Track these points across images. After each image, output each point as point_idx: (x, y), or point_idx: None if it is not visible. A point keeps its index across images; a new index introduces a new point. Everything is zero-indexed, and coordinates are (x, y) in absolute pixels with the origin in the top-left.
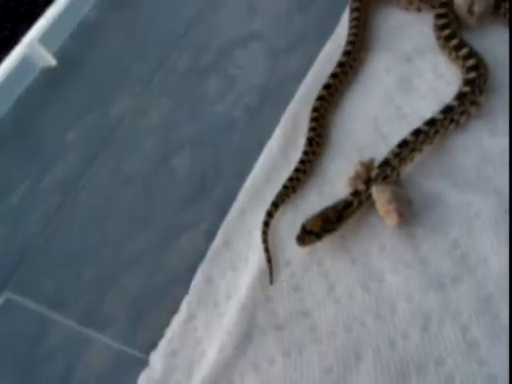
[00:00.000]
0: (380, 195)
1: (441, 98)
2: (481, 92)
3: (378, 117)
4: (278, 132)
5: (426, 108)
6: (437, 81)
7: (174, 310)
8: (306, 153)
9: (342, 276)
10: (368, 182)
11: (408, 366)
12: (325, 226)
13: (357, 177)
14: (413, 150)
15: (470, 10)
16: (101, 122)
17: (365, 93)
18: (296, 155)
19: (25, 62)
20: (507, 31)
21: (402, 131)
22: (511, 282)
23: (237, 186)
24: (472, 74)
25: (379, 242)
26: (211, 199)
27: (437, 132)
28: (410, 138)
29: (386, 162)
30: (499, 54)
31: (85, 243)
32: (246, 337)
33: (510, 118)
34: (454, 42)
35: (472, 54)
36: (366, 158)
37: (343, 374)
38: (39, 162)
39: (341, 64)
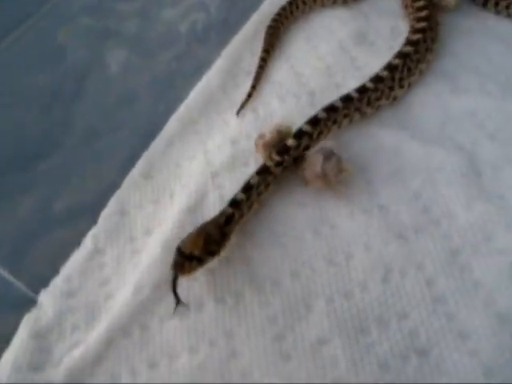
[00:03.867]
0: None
1: None
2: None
3: (330, 65)
4: (219, 65)
5: (381, 63)
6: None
7: (75, 243)
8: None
9: (288, 219)
10: (248, 190)
11: (367, 319)
12: (208, 247)
13: (270, 144)
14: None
15: None
16: None
17: (315, 40)
18: (235, 92)
19: None
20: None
21: (356, 82)
22: None
23: (167, 111)
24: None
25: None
26: (136, 120)
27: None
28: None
29: (266, 170)
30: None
31: None
32: (169, 278)
33: None
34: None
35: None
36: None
37: (291, 323)
38: None
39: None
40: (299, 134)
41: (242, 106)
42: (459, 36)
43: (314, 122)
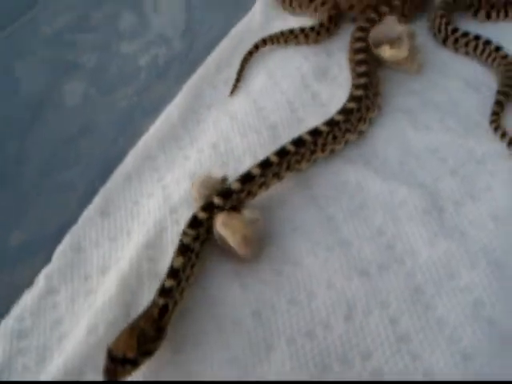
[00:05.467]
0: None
1: None
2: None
3: (292, 100)
4: (180, 99)
5: (342, 97)
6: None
7: (28, 282)
8: None
9: (248, 259)
10: (175, 274)
11: (330, 359)
12: (142, 347)
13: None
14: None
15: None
16: None
17: (277, 75)
18: (195, 127)
19: None
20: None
21: (318, 116)
22: None
23: (126, 146)
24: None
25: (292, 223)
26: (94, 155)
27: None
28: (218, 201)
29: (187, 249)
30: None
31: None
32: (125, 316)
33: None
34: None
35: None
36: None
37: (252, 363)
38: None
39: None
40: (209, 207)
41: (235, 86)
42: (419, 73)
43: (225, 194)
